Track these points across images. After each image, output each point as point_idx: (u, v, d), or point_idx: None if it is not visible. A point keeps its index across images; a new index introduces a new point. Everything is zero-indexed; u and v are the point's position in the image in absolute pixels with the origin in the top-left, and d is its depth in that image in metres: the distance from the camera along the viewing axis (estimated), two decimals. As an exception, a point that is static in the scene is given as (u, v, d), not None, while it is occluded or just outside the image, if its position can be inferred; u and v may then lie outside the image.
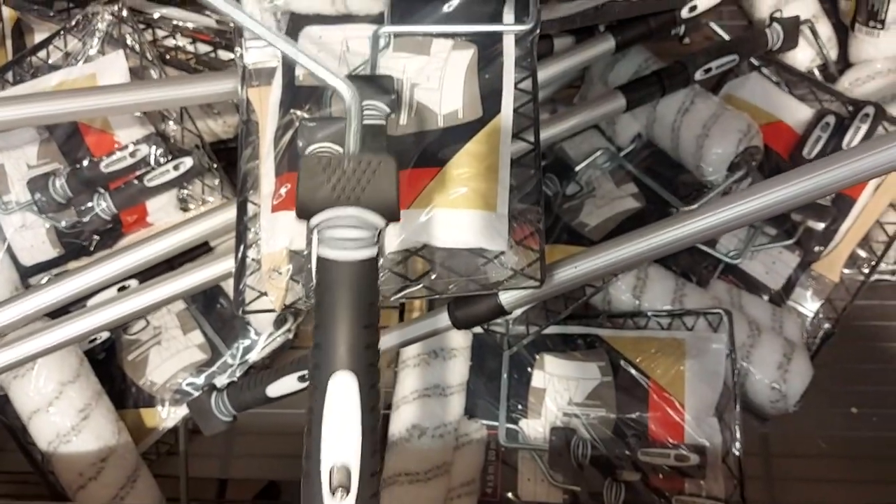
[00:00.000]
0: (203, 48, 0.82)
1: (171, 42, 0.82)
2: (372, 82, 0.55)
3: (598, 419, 0.71)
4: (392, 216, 0.40)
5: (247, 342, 0.79)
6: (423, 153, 0.54)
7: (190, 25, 0.82)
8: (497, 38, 0.57)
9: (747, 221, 0.51)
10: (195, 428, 0.75)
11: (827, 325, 0.78)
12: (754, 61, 0.85)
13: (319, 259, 0.40)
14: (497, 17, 0.58)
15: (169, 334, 0.79)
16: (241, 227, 0.57)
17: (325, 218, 0.39)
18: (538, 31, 0.57)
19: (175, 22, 0.82)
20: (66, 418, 0.70)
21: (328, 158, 0.40)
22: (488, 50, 0.57)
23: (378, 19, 0.58)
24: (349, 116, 0.44)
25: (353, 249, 0.39)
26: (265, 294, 0.54)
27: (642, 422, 0.70)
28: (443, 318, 0.57)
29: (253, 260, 0.56)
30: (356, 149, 0.44)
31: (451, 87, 0.56)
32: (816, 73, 0.88)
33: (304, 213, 0.40)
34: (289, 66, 0.58)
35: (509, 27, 0.57)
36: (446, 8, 0.57)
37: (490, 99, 0.55)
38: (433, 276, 0.53)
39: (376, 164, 0.40)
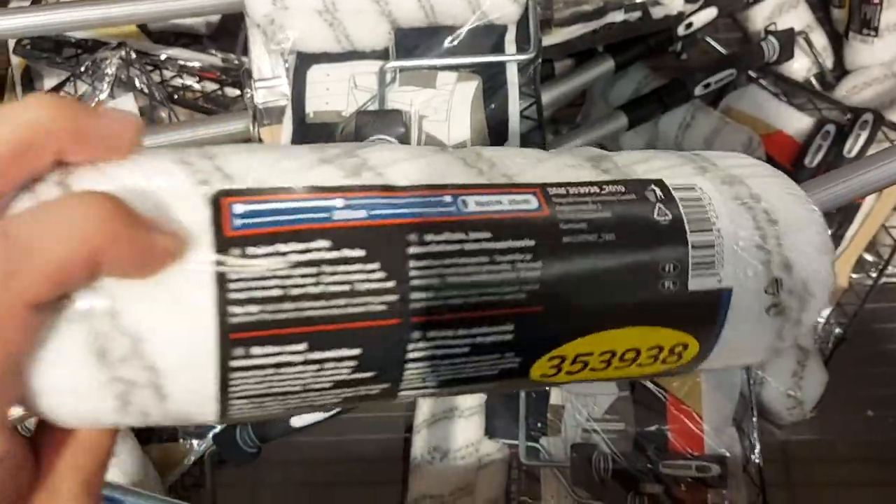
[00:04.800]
0: (210, 86, 0.84)
1: (178, 82, 0.83)
2: (382, 117, 0.56)
3: (617, 433, 0.72)
4: None
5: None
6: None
7: (196, 65, 0.83)
8: (501, 68, 0.59)
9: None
10: (221, 459, 0.76)
11: (838, 330, 0.79)
12: (752, 73, 0.86)
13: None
14: (499, 48, 0.59)
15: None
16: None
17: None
18: (540, 59, 0.59)
19: (181, 62, 0.83)
20: (93, 458, 0.71)
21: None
22: (493, 80, 0.58)
23: (384, 55, 0.60)
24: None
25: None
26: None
27: (662, 434, 0.71)
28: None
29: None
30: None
31: (458, 118, 0.57)
32: (814, 81, 0.90)
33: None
34: (299, 104, 0.59)
35: (511, 57, 0.58)
36: (450, 41, 0.58)
37: (497, 128, 0.57)
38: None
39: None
